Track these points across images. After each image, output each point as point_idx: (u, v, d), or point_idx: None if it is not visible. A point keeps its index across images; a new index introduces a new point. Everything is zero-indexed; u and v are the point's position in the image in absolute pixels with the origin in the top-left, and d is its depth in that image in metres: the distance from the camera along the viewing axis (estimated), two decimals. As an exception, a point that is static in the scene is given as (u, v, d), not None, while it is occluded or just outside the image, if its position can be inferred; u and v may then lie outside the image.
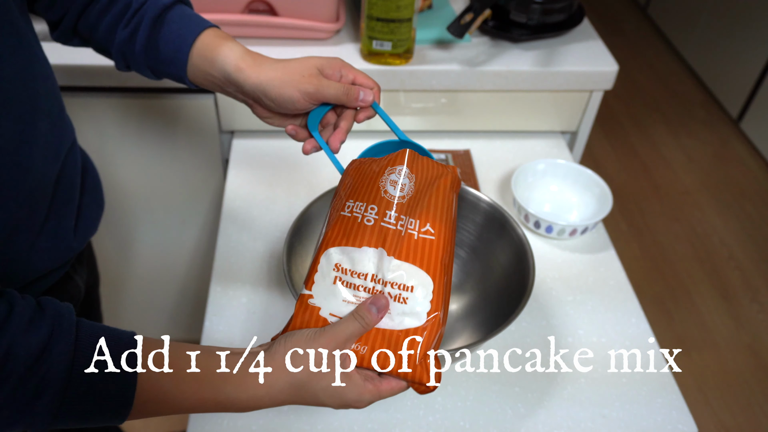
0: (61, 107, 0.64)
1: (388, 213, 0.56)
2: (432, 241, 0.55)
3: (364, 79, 0.64)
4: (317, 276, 0.56)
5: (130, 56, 0.64)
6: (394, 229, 0.56)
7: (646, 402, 0.75)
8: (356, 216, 0.57)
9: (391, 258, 0.54)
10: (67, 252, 0.66)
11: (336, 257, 0.56)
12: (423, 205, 0.56)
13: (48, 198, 0.61)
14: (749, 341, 1.84)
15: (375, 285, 0.55)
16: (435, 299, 0.54)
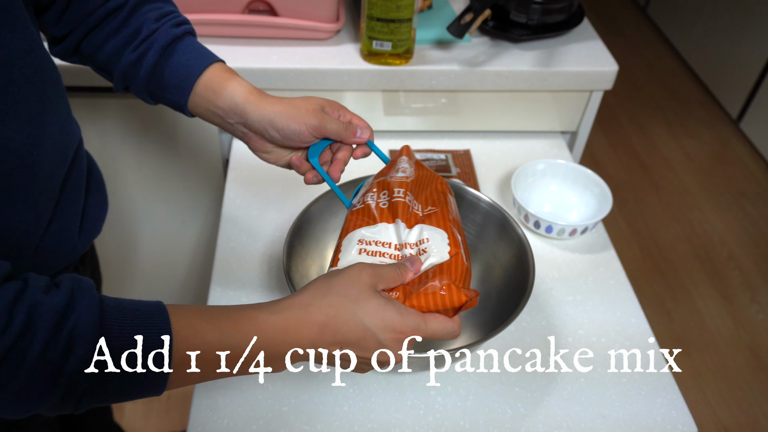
0: (68, 109, 0.64)
1: (396, 190, 0.64)
2: (436, 212, 0.63)
3: (359, 120, 0.69)
4: (342, 254, 0.61)
5: (133, 79, 0.66)
6: (404, 201, 0.63)
7: (646, 402, 0.75)
8: (369, 204, 0.64)
9: (405, 228, 0.62)
10: (72, 253, 0.66)
11: (358, 235, 0.62)
12: (423, 193, 0.66)
13: (54, 200, 0.61)
14: (749, 341, 1.84)
15: (396, 252, 0.61)
16: (452, 242, 0.60)
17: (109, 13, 0.66)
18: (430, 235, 0.61)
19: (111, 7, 0.65)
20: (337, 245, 0.63)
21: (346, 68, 1.02)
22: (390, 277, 0.56)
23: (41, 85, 0.55)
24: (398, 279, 0.56)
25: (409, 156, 0.71)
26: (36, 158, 0.55)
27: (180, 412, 1.56)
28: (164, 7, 0.68)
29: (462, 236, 0.63)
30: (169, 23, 0.66)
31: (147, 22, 0.65)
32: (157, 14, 0.66)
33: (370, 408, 0.73)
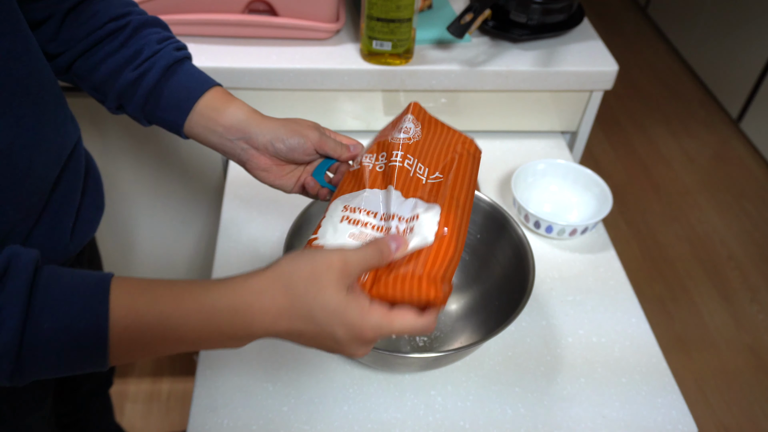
0: (65, 111, 0.64)
1: (395, 153, 0.59)
2: (441, 182, 0.58)
3: (347, 140, 0.72)
4: (325, 221, 0.57)
5: (130, 98, 0.68)
6: (401, 166, 0.58)
7: (646, 402, 0.75)
8: (366, 166, 0.60)
9: (398, 192, 0.56)
10: (63, 254, 0.66)
11: (345, 200, 0.58)
12: (434, 153, 0.60)
13: (45, 200, 0.61)
14: (749, 341, 1.84)
15: (382, 223, 0.56)
16: (443, 220, 0.54)
17: (109, 34, 0.67)
18: (421, 211, 0.55)
19: (112, 28, 0.67)
20: (324, 213, 0.60)
21: (346, 68, 1.02)
22: (366, 264, 0.51)
23: (34, 88, 0.56)
24: (377, 264, 0.52)
25: (417, 113, 0.65)
26: (26, 159, 0.55)
27: (180, 412, 1.57)
28: (163, 32, 0.70)
29: (465, 213, 0.57)
30: (171, 46, 0.68)
31: (149, 43, 0.67)
32: (158, 37, 0.68)
33: (370, 408, 0.73)
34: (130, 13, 0.68)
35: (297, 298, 0.48)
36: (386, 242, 0.52)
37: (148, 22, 0.69)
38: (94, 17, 0.66)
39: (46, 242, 0.62)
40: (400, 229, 0.54)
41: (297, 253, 0.50)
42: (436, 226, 0.53)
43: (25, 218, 0.59)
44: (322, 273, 0.48)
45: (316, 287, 0.48)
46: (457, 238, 0.54)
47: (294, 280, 0.48)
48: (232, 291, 0.48)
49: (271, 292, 0.48)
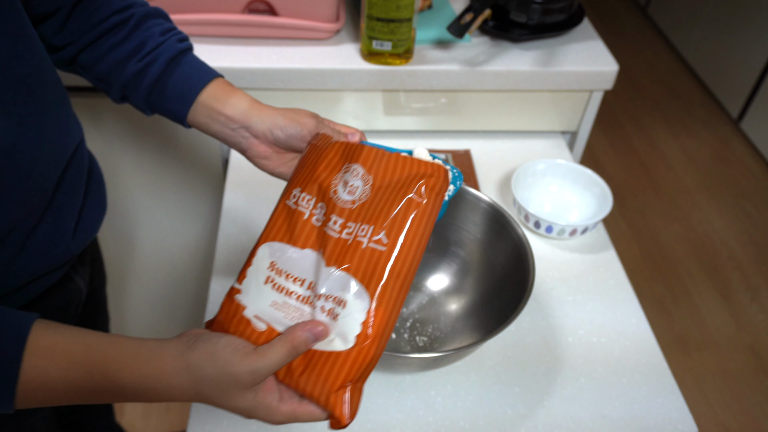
0: (68, 111, 0.64)
1: (333, 218, 0.50)
2: (381, 253, 0.48)
3: (346, 128, 0.73)
4: (250, 270, 0.52)
5: (134, 89, 0.69)
6: (337, 238, 0.49)
7: (646, 402, 0.75)
8: (302, 211, 0.51)
9: (330, 268, 0.49)
10: (64, 254, 0.66)
11: (273, 254, 0.51)
12: (382, 209, 0.49)
13: (47, 200, 0.61)
14: (749, 341, 1.84)
15: (310, 295, 0.49)
16: (366, 321, 0.48)
17: (113, 27, 0.68)
18: (351, 298, 0.48)
19: (116, 21, 0.68)
20: (254, 247, 0.53)
21: (346, 68, 1.02)
22: (278, 368, 0.48)
23: (37, 87, 0.56)
24: (290, 361, 0.49)
25: (367, 162, 0.51)
26: (28, 159, 0.55)
27: (180, 412, 1.57)
28: (165, 23, 0.71)
29: (403, 290, 0.49)
30: (174, 38, 0.70)
31: (153, 35, 0.69)
32: (161, 29, 0.70)
33: (370, 408, 0.73)
34: (133, 5, 0.70)
35: (204, 395, 0.48)
36: (304, 340, 0.48)
37: (151, 13, 0.71)
38: (98, 10, 0.67)
39: (48, 242, 0.63)
40: (325, 308, 0.49)
41: (208, 348, 0.48)
42: (360, 326, 0.48)
43: (27, 218, 0.59)
44: (230, 385, 0.47)
45: (223, 395, 0.48)
46: (380, 339, 0.49)
47: (202, 379, 0.47)
48: (141, 377, 0.47)
49: (178, 383, 0.48)
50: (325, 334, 0.48)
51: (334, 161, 0.51)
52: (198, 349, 0.47)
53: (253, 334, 0.50)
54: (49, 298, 0.68)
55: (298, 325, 0.48)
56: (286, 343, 0.47)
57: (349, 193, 0.50)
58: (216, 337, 0.48)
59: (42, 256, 0.62)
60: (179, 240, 1.31)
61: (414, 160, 0.50)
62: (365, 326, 0.48)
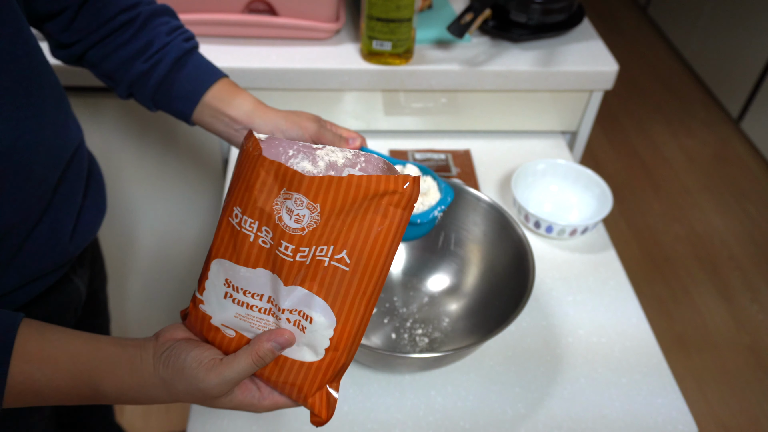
0: (67, 113, 0.64)
1: (284, 243, 0.46)
2: (344, 272, 0.46)
3: (348, 132, 0.74)
4: (208, 283, 0.51)
5: (141, 88, 0.70)
6: (292, 261, 0.47)
7: (646, 402, 0.75)
8: (247, 233, 0.47)
9: (290, 287, 0.47)
10: (62, 256, 0.66)
11: (226, 272, 0.49)
12: (341, 229, 0.46)
13: (45, 202, 0.61)
14: (749, 341, 1.84)
15: (271, 307, 0.48)
16: (336, 338, 0.48)
17: (121, 25, 0.69)
18: (316, 315, 0.47)
19: (123, 20, 0.68)
20: (206, 260, 0.51)
21: (346, 68, 1.02)
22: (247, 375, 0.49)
23: (35, 89, 0.56)
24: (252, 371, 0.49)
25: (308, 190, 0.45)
26: (26, 161, 0.55)
27: (180, 412, 1.57)
28: (171, 21, 0.72)
29: (366, 310, 0.48)
30: (180, 38, 0.71)
31: (159, 35, 0.69)
32: (167, 28, 0.70)
33: (370, 408, 0.73)
34: (140, 3, 0.70)
35: (185, 401, 0.50)
36: (269, 349, 0.48)
37: (158, 11, 0.71)
38: (105, 8, 0.68)
39: (45, 244, 0.62)
40: (291, 320, 0.48)
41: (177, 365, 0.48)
42: (328, 341, 0.48)
43: (25, 220, 0.59)
44: (202, 396, 0.49)
45: (200, 402, 0.50)
46: (351, 348, 0.49)
47: (177, 392, 0.49)
48: (122, 388, 0.49)
49: (157, 394, 0.50)
50: (291, 342, 0.48)
51: (268, 182, 0.46)
52: (169, 365, 0.49)
53: (225, 340, 0.51)
54: (48, 299, 0.68)
55: (263, 334, 0.48)
56: (251, 353, 0.48)
57: (296, 221, 0.46)
58: (185, 352, 0.49)
59: (39, 258, 0.62)
60: (180, 239, 1.31)
61: (372, 177, 0.45)
62: (333, 341, 0.48)
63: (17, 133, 0.54)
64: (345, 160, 0.48)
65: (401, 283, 0.86)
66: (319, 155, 0.48)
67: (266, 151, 0.48)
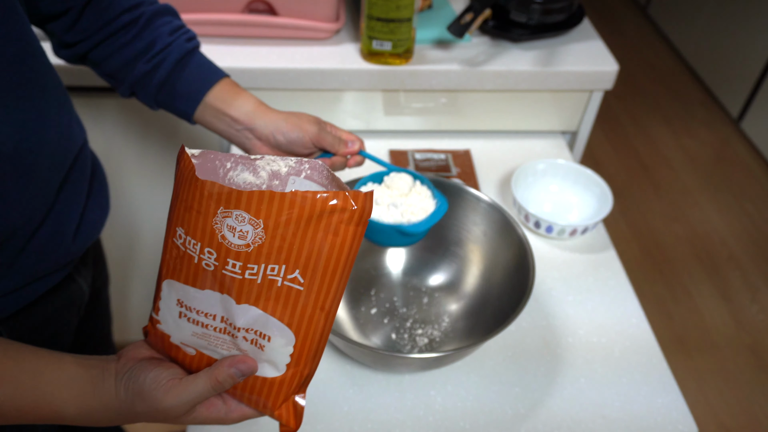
0: (70, 114, 0.64)
1: (230, 261, 0.45)
2: (299, 291, 0.45)
3: (348, 135, 0.74)
4: (162, 303, 0.49)
5: (142, 87, 0.71)
6: (242, 278, 0.45)
7: (646, 402, 0.75)
8: (191, 255, 0.46)
9: (243, 306, 0.46)
10: (64, 257, 0.66)
11: (177, 293, 0.48)
12: (291, 248, 0.44)
13: (49, 204, 0.61)
14: (750, 341, 1.84)
15: (226, 326, 0.47)
16: (297, 354, 0.47)
17: (124, 26, 0.69)
18: (274, 334, 0.46)
19: (126, 20, 0.69)
20: (158, 279, 0.50)
21: (346, 68, 1.02)
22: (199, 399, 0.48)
23: (38, 91, 0.56)
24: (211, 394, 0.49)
25: (249, 206, 0.44)
26: (30, 164, 0.55)
27: (180, 412, 1.56)
28: (174, 21, 0.72)
29: (325, 326, 0.47)
30: (182, 38, 0.71)
31: (161, 36, 0.70)
32: (169, 29, 0.71)
33: (370, 408, 0.73)
34: (142, 3, 0.70)
35: (149, 421, 0.50)
36: (230, 376, 0.47)
37: (160, 11, 0.71)
38: (108, 8, 0.68)
39: (48, 245, 0.62)
40: (248, 338, 0.47)
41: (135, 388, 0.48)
42: (288, 357, 0.47)
43: (29, 221, 0.59)
44: (164, 416, 0.49)
45: (165, 421, 0.50)
46: (313, 360, 0.48)
47: (138, 414, 0.49)
48: (85, 411, 0.49)
49: (119, 417, 0.50)
50: (253, 369, 0.48)
51: (204, 202, 0.45)
52: (129, 388, 0.49)
53: (186, 357, 0.50)
54: (51, 299, 0.68)
55: (225, 360, 0.48)
56: (210, 378, 0.47)
57: (240, 237, 0.44)
58: (144, 373, 0.49)
59: (42, 259, 0.62)
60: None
61: (318, 194, 0.43)
62: (294, 357, 0.47)
63: (21, 136, 0.54)
64: (288, 168, 0.47)
65: (401, 283, 0.86)
66: (259, 165, 0.47)
67: (201, 167, 0.46)
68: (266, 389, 0.49)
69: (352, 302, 0.83)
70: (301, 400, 0.50)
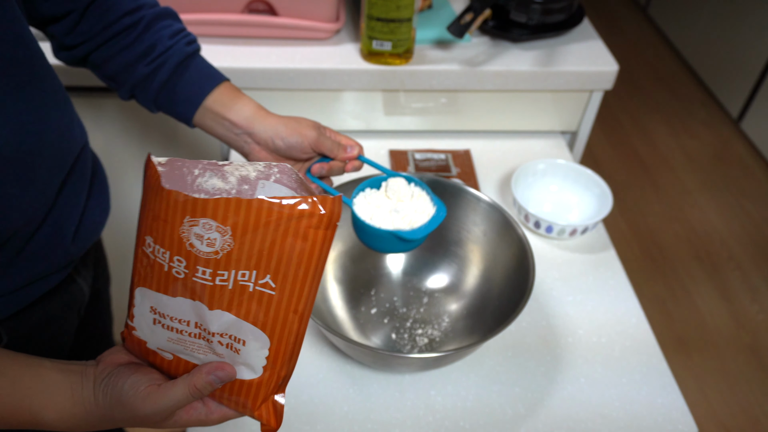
0: (71, 116, 0.64)
1: (200, 269, 0.45)
2: (271, 296, 0.45)
3: (347, 140, 0.74)
4: (136, 311, 0.50)
5: (142, 90, 0.71)
6: (212, 285, 0.46)
7: (646, 402, 0.75)
8: (161, 263, 0.46)
9: (216, 312, 0.46)
10: (64, 258, 0.66)
11: (150, 300, 0.48)
12: (260, 254, 0.44)
13: (49, 205, 0.61)
14: (749, 341, 1.84)
15: (200, 332, 0.48)
16: (272, 356, 0.48)
17: (124, 29, 0.69)
18: (249, 338, 0.47)
19: (127, 23, 0.69)
20: (130, 292, 0.51)
21: (346, 68, 1.02)
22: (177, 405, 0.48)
23: (37, 93, 0.56)
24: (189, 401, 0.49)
25: (215, 213, 0.44)
26: (30, 165, 0.55)
27: (180, 412, 1.56)
28: (174, 24, 0.72)
29: (299, 329, 0.48)
30: (183, 42, 0.71)
31: (162, 39, 0.70)
32: (170, 32, 0.71)
33: (370, 408, 0.73)
34: (143, 6, 0.70)
35: (119, 424, 0.50)
36: (208, 382, 0.48)
37: (161, 14, 0.71)
38: (109, 11, 0.68)
39: (47, 246, 0.62)
40: (223, 343, 0.47)
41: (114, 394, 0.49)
42: (265, 360, 0.48)
43: (28, 223, 0.59)
44: (143, 422, 0.49)
45: (144, 426, 0.50)
46: (290, 361, 0.49)
47: (118, 420, 0.49)
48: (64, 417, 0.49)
49: (99, 423, 0.50)
50: (231, 377, 0.48)
51: (171, 211, 0.45)
52: (108, 393, 0.49)
53: (164, 362, 0.51)
54: (51, 300, 0.68)
55: (204, 366, 0.48)
56: (188, 385, 0.48)
57: (208, 245, 0.45)
58: (122, 379, 0.49)
59: (40, 260, 0.62)
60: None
61: (285, 201, 0.43)
62: (270, 359, 0.48)
63: (21, 138, 0.53)
64: (257, 173, 0.48)
65: (401, 283, 0.86)
66: (228, 171, 0.47)
67: (169, 175, 0.46)
68: (245, 391, 0.49)
69: (352, 302, 0.83)
70: (280, 398, 0.51)
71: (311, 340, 0.80)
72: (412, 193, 0.70)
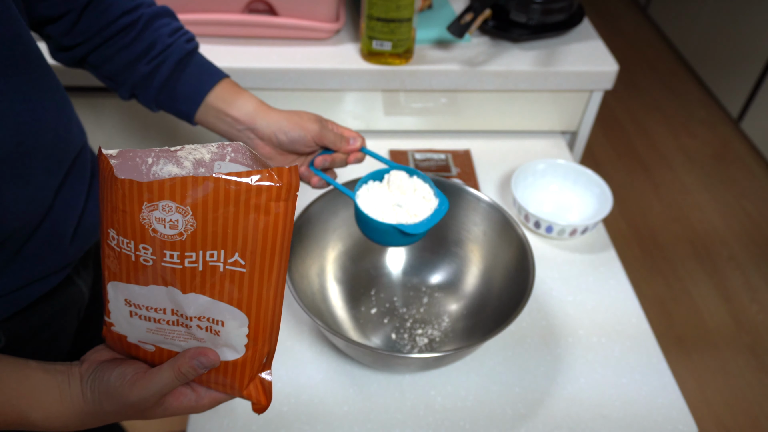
0: (69, 117, 0.64)
1: (167, 253, 0.45)
2: (242, 274, 0.46)
3: (350, 132, 0.74)
4: (111, 306, 0.50)
5: (143, 89, 0.71)
6: (182, 268, 0.45)
7: (646, 402, 0.75)
8: (127, 254, 0.46)
9: (190, 295, 0.46)
10: (62, 258, 0.65)
11: (123, 292, 0.48)
12: (225, 233, 0.45)
13: (46, 207, 0.61)
14: (749, 341, 1.84)
15: (178, 318, 0.48)
16: (253, 334, 0.48)
17: (123, 28, 0.69)
18: (227, 318, 0.47)
19: (125, 22, 0.69)
20: (103, 289, 0.50)
21: (346, 68, 1.02)
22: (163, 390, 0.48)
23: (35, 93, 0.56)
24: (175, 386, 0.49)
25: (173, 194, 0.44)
26: (28, 166, 0.55)
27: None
28: (173, 23, 0.72)
29: (278, 297, 0.48)
30: (182, 39, 0.71)
31: (161, 37, 0.70)
32: (169, 30, 0.71)
33: (370, 408, 0.73)
34: (141, 5, 0.70)
35: (119, 420, 0.51)
36: (192, 367, 0.48)
37: (159, 13, 0.72)
38: (107, 11, 0.68)
39: (44, 248, 0.62)
40: (202, 326, 0.48)
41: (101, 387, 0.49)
42: (245, 338, 0.48)
43: (26, 224, 0.58)
44: (133, 411, 0.49)
45: (134, 416, 0.50)
46: (271, 337, 0.50)
47: (107, 413, 0.50)
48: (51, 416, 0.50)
49: (89, 420, 0.50)
50: (214, 363, 0.48)
51: (128, 200, 0.45)
52: (95, 389, 0.49)
53: (147, 355, 0.51)
54: (50, 301, 0.68)
55: (188, 351, 0.48)
56: (173, 370, 0.48)
57: (171, 227, 0.44)
58: (108, 372, 0.49)
59: (38, 261, 0.62)
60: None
61: (240, 176, 0.43)
62: (251, 337, 0.48)
63: (18, 139, 0.53)
64: (211, 154, 0.48)
65: (401, 283, 0.86)
66: (181, 156, 0.47)
67: (122, 167, 0.46)
68: (230, 372, 0.50)
69: (352, 302, 0.83)
70: (267, 376, 0.51)
71: (311, 340, 0.80)
72: (415, 186, 0.70)
